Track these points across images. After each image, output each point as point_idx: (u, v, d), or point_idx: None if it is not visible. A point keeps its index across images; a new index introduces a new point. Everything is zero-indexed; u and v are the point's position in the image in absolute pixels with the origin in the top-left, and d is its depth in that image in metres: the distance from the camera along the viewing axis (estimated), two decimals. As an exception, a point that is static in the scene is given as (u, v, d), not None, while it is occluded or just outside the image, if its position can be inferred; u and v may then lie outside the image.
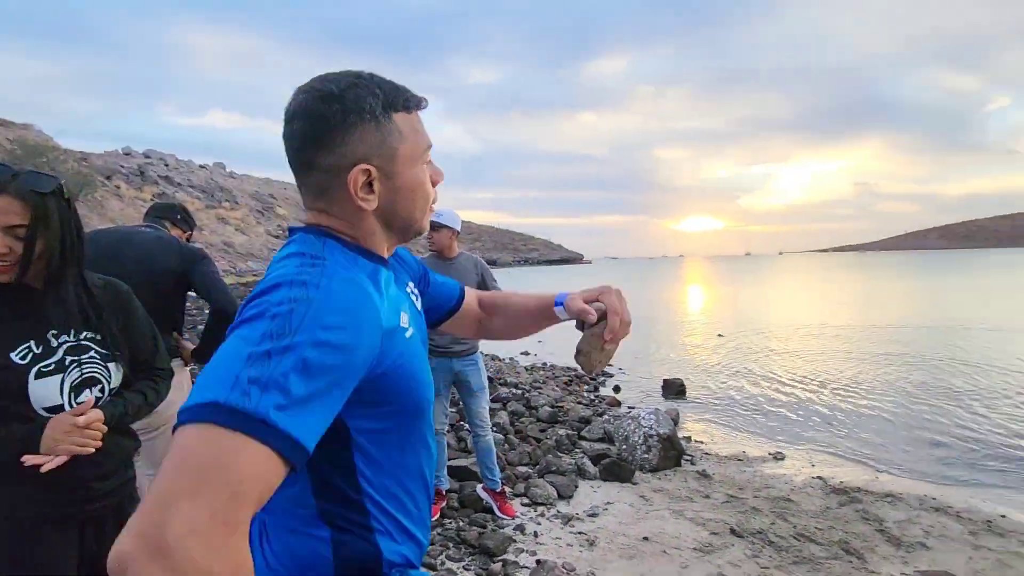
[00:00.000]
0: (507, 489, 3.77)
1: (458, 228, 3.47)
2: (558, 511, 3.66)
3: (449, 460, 4.09)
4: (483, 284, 3.41)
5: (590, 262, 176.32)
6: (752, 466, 4.77)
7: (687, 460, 4.77)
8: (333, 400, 0.62)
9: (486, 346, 10.30)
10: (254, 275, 39.83)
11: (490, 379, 6.64)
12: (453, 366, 3.40)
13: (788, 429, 6.11)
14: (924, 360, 9.88)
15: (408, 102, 0.79)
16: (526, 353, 11.33)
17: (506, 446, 4.71)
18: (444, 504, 3.55)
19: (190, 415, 0.54)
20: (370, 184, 0.76)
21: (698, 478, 4.36)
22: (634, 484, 4.18)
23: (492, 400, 6.00)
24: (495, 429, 5.04)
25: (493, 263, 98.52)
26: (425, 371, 0.85)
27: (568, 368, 9.54)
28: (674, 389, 7.56)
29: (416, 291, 0.97)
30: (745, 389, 7.96)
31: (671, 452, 4.57)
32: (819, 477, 4.48)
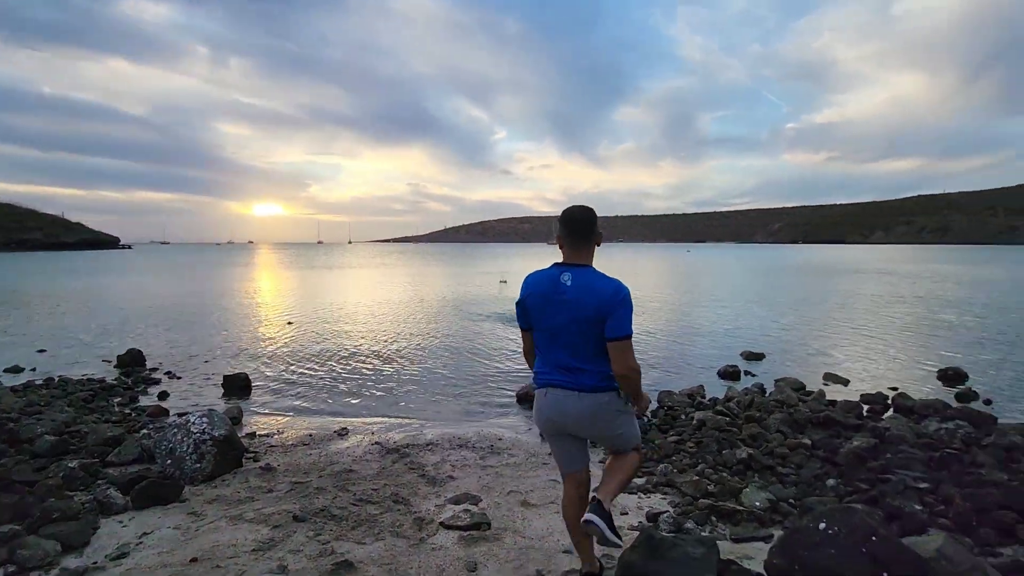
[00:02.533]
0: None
1: None
2: (63, 568, 2.75)
3: None
4: None
5: (129, 247, 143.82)
6: (319, 447, 4.83)
7: (249, 458, 4.42)
8: None
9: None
10: None
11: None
12: None
13: (353, 404, 6.51)
14: (453, 325, 12.40)
15: None
16: (16, 369, 8.26)
17: (-31, 506, 3.24)
18: None
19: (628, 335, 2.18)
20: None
21: (261, 474, 4.10)
22: (183, 502, 3.57)
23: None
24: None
25: (-37, 247, 68.42)
26: None
27: (93, 379, 7.47)
28: (237, 385, 6.94)
29: None
30: (313, 373, 8.07)
31: (230, 454, 4.13)
32: (377, 443, 4.92)
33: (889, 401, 6.09)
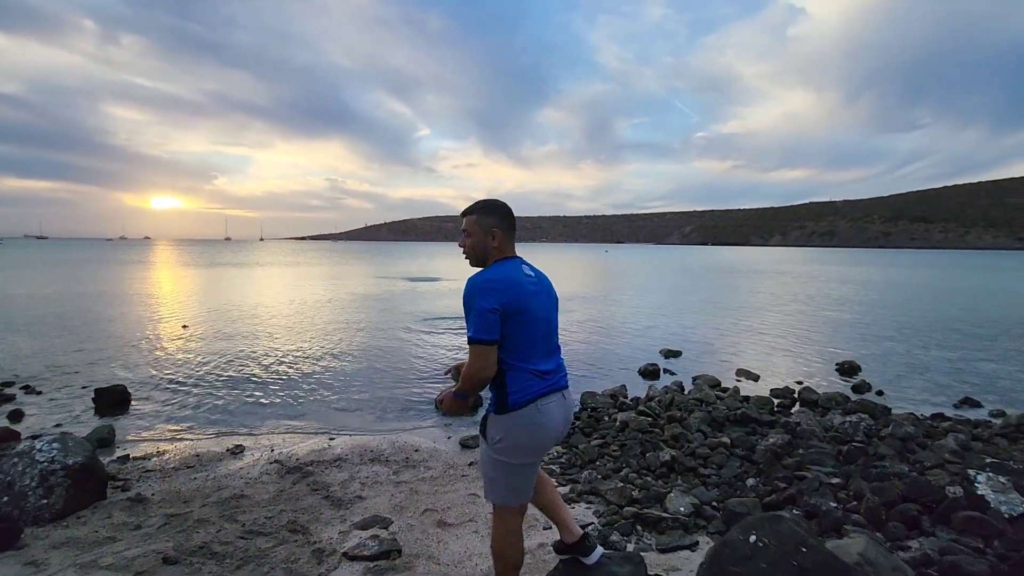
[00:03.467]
0: None
1: None
2: None
3: None
4: None
5: (0, 241, 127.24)
6: (205, 469, 4.24)
7: (116, 488, 3.77)
8: None
9: None
10: None
11: None
12: None
13: (251, 417, 5.86)
14: (367, 326, 11.78)
15: None
16: None
17: None
18: None
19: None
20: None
21: (129, 506, 3.49)
22: (19, 549, 2.92)
23: None
24: None
25: None
26: None
27: (-73, 398, 6.24)
28: (113, 400, 6.05)
29: None
30: (206, 383, 7.24)
31: (88, 484, 3.48)
32: (277, 461, 4.39)
33: (796, 395, 6.36)
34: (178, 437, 5.19)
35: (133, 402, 6.23)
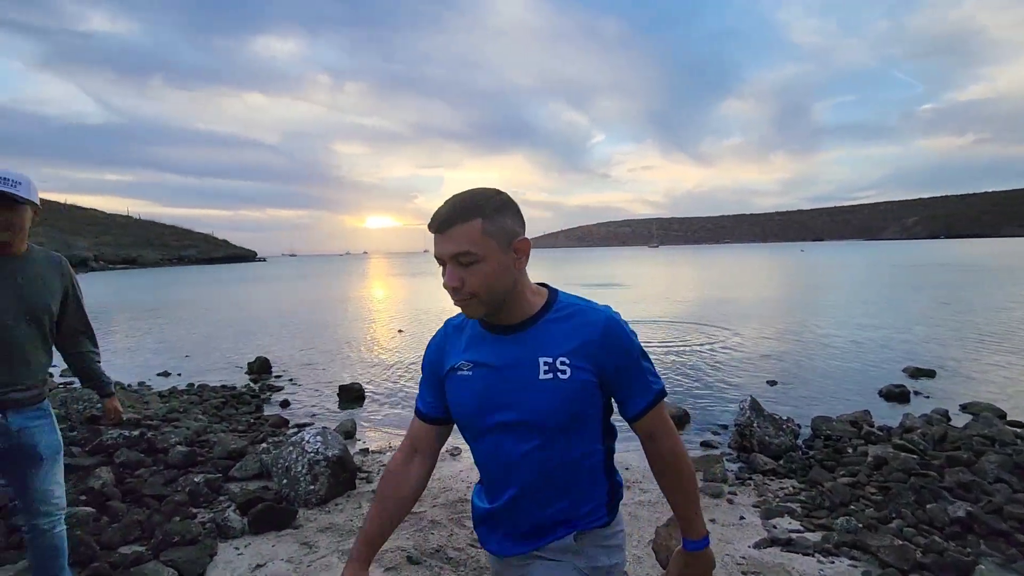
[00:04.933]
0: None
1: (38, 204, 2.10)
2: (179, 603, 2.60)
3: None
4: (69, 297, 2.21)
5: (264, 260, 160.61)
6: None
7: (362, 479, 4.22)
8: None
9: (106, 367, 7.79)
10: None
11: (94, 418, 4.81)
12: (7, 423, 2.01)
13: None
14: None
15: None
16: (166, 374, 9.01)
17: (104, 520, 3.28)
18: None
19: None
20: None
21: (373, 497, 3.85)
22: (296, 528, 3.39)
23: (92, 451, 4.26)
24: (86, 499, 3.51)
25: (132, 261, 79.57)
26: None
27: (227, 386, 7.90)
28: (351, 396, 6.96)
29: None
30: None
31: (343, 475, 3.93)
32: (491, 466, 4.53)
33: None
34: (403, 434, 5.70)
35: (367, 398, 7.09)
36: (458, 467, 4.56)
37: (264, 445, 4.68)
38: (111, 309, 21.04)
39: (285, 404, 6.91)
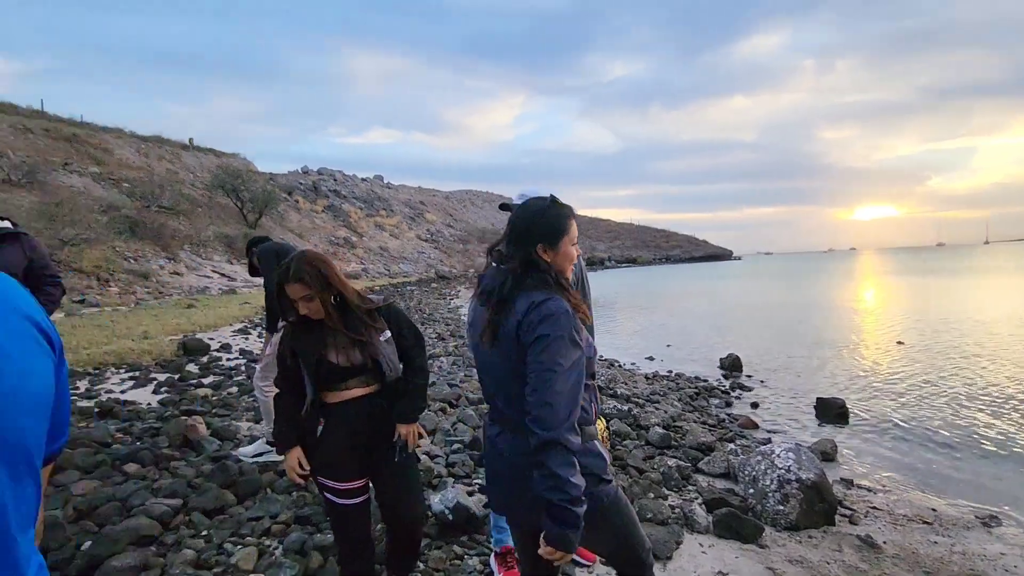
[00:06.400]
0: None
1: None
2: (661, 576, 2.82)
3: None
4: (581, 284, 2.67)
5: (739, 258, 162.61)
6: (948, 534, 3.41)
7: (843, 518, 3.56)
8: None
9: (603, 350, 9.52)
10: (404, 277, 42.48)
11: (600, 388, 5.86)
12: None
13: (1006, 478, 4.44)
14: None
15: None
16: (651, 358, 10.21)
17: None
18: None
19: None
20: None
21: (859, 547, 3.17)
22: (761, 548, 3.14)
23: (594, 416, 5.22)
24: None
25: (633, 261, 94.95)
26: None
27: (699, 378, 8.31)
28: (832, 412, 6.05)
29: None
30: (940, 417, 6.10)
31: (819, 506, 3.41)
32: (1063, 564, 3.01)
33: None
34: (905, 476, 4.52)
35: (852, 420, 6.03)
36: (994, 547, 3.24)
37: (732, 446, 4.61)
38: (618, 301, 25.71)
39: (755, 406, 6.68)
